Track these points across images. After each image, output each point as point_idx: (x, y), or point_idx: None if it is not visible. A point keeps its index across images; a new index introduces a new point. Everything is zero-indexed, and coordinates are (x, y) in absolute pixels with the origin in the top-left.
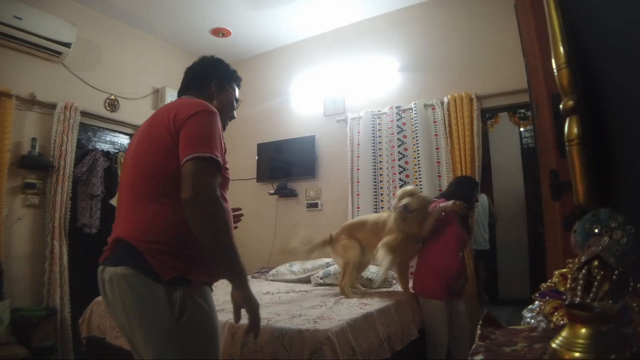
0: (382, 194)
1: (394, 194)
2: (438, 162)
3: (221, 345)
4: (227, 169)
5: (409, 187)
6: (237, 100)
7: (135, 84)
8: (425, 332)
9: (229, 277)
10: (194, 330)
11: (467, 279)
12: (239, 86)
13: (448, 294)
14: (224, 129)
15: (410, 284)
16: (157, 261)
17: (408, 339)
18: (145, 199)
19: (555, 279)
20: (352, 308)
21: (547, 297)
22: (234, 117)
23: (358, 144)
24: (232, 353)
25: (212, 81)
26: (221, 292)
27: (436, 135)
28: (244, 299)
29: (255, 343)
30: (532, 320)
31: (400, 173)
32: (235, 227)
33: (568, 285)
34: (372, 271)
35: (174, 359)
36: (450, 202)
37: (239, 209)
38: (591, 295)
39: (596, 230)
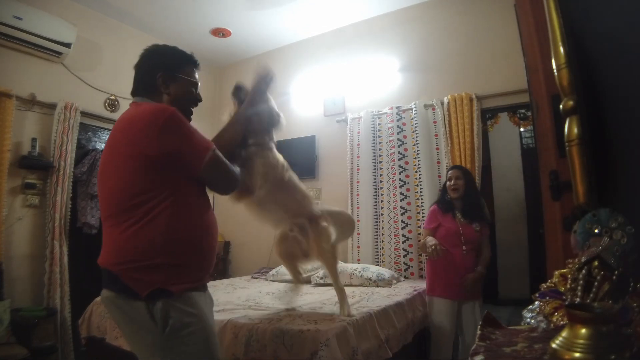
0: (382, 194)
1: (393, 194)
2: (438, 163)
3: (221, 345)
4: None
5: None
6: (194, 84)
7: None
8: (429, 332)
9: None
10: (181, 338)
11: (481, 274)
12: (195, 67)
13: (454, 292)
14: (187, 116)
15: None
16: (132, 280)
17: (409, 339)
18: (114, 220)
19: (555, 279)
20: (353, 309)
21: (547, 298)
22: (198, 101)
23: (358, 144)
24: (236, 352)
25: (156, 75)
26: (221, 292)
27: (436, 135)
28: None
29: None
30: (532, 321)
31: (400, 173)
32: None
33: (568, 286)
34: (372, 271)
35: None
36: (429, 247)
37: None
38: (591, 295)
39: (596, 231)
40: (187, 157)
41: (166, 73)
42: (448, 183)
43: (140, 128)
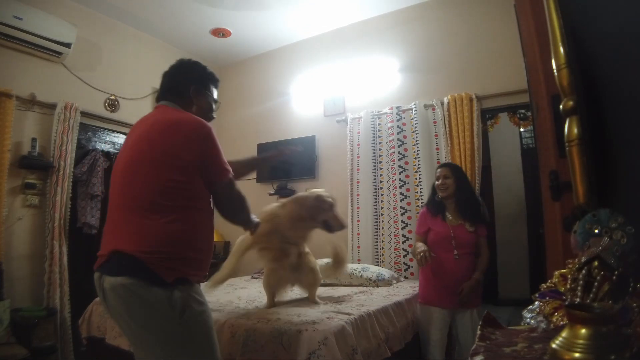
0: (382, 195)
1: (394, 194)
2: (438, 163)
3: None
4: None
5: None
6: (215, 102)
7: (135, 84)
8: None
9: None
10: (195, 326)
11: (477, 282)
12: (216, 87)
13: (447, 300)
14: None
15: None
16: (159, 267)
17: (408, 339)
18: (144, 212)
19: (555, 280)
20: (351, 309)
21: (547, 298)
22: (213, 118)
23: (358, 145)
24: (233, 352)
25: (190, 86)
26: (221, 292)
27: (436, 135)
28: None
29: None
30: (532, 321)
31: (400, 173)
32: None
33: (568, 286)
34: (372, 271)
35: (182, 357)
36: (417, 255)
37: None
38: (591, 295)
39: (596, 231)
40: (214, 169)
41: (198, 86)
42: (436, 182)
43: (184, 133)
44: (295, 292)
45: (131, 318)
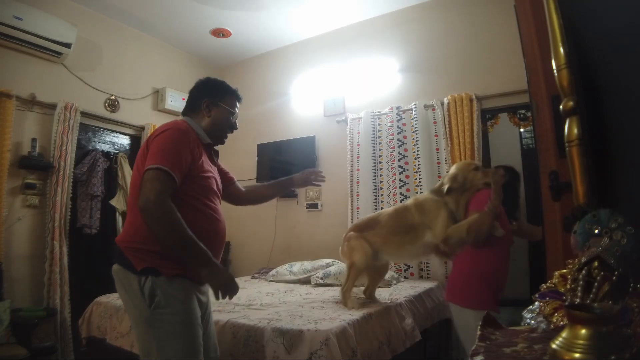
0: (382, 195)
1: (394, 195)
2: (438, 163)
3: (220, 345)
4: (207, 177)
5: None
6: (232, 114)
7: (136, 85)
8: (461, 348)
9: (193, 264)
10: (166, 318)
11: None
12: (233, 98)
13: (496, 303)
14: (222, 142)
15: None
16: (132, 256)
17: (410, 341)
18: (131, 208)
19: (555, 280)
20: (352, 309)
21: (547, 298)
22: (233, 129)
23: (358, 145)
24: (234, 353)
25: (202, 101)
26: None
27: (436, 135)
28: (206, 277)
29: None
30: (532, 321)
31: (400, 174)
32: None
33: (568, 286)
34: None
35: (150, 344)
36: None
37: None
38: (591, 296)
39: (596, 231)
40: (149, 156)
41: (210, 100)
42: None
43: (154, 134)
44: (296, 292)
45: (121, 299)
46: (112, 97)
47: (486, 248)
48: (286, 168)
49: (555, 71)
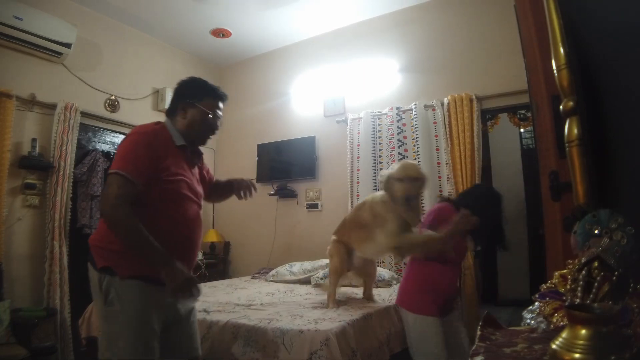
0: None
1: None
2: (438, 163)
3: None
4: (174, 180)
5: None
6: (208, 114)
7: (136, 85)
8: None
9: (151, 265)
10: (115, 316)
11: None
12: (215, 97)
13: (443, 310)
14: (200, 143)
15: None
16: (95, 254)
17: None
18: None
19: (555, 280)
20: (353, 309)
21: (547, 298)
22: (212, 129)
23: (358, 145)
24: (235, 352)
25: (179, 102)
26: (221, 293)
27: (436, 136)
28: (164, 278)
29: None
30: (532, 321)
31: None
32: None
33: (568, 286)
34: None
35: (104, 339)
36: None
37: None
38: (591, 296)
39: (596, 231)
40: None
41: (187, 101)
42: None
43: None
44: (296, 292)
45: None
46: (112, 97)
47: (436, 262)
48: (286, 168)
49: (555, 71)
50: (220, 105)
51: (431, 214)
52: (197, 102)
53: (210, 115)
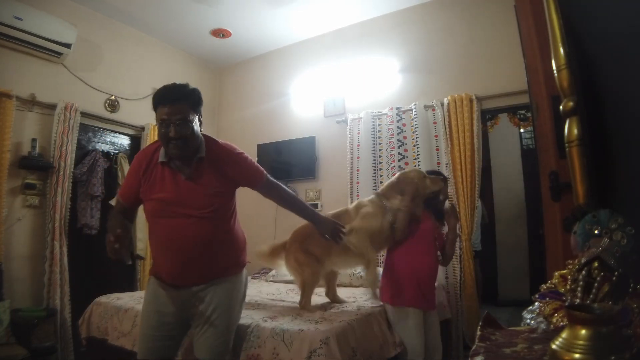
0: None
1: None
2: (438, 163)
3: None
4: (150, 200)
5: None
6: (160, 122)
7: (136, 85)
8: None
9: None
10: None
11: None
12: (157, 103)
13: (424, 301)
14: (174, 155)
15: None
16: None
17: None
18: None
19: (555, 280)
20: (353, 309)
21: (547, 299)
22: (168, 138)
23: (358, 145)
24: (235, 347)
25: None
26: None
27: (436, 136)
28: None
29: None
30: (532, 322)
31: None
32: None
33: (568, 287)
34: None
35: None
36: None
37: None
38: (591, 296)
39: (596, 232)
40: None
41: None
42: (433, 190)
43: None
44: (296, 292)
45: None
46: (112, 97)
47: (410, 247)
48: (286, 168)
49: (555, 71)
50: (166, 109)
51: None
52: (156, 115)
53: (162, 124)
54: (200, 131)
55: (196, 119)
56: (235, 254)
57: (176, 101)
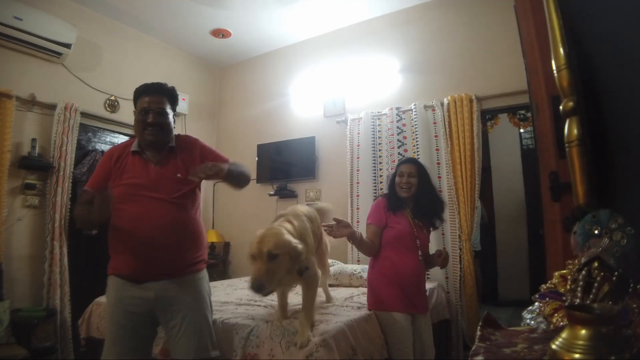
0: None
1: None
2: (438, 164)
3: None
4: (119, 185)
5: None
6: (138, 111)
7: (136, 85)
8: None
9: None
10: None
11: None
12: (143, 93)
13: (410, 305)
14: (146, 142)
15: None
16: None
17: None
18: None
19: (555, 280)
20: (351, 310)
21: (547, 299)
22: (145, 125)
23: (358, 145)
24: (235, 346)
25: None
26: (221, 293)
27: (436, 136)
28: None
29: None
30: (532, 322)
31: None
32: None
33: (568, 287)
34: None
35: None
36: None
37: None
38: (591, 296)
39: (596, 232)
40: None
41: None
42: (398, 179)
43: None
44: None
45: None
46: (112, 98)
47: (390, 251)
48: (286, 168)
49: (555, 71)
50: (147, 99)
51: (370, 210)
52: (136, 106)
53: (140, 113)
54: (174, 127)
55: (172, 114)
56: (198, 246)
57: (157, 93)
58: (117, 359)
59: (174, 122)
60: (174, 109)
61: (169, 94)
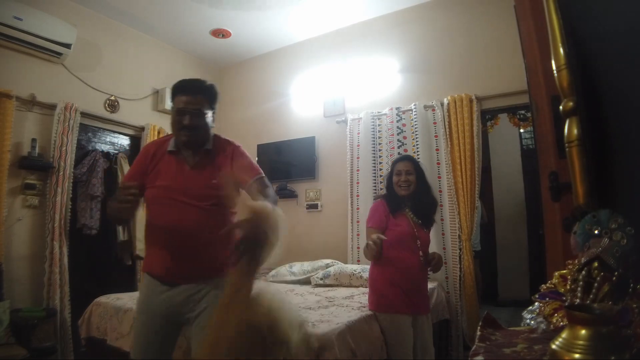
0: None
1: None
2: (438, 164)
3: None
4: (151, 187)
5: None
6: (176, 111)
7: (135, 85)
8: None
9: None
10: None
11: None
12: (177, 91)
13: (411, 306)
14: (184, 144)
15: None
16: None
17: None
18: None
19: (555, 280)
20: (352, 310)
21: (547, 299)
22: (182, 127)
23: (358, 145)
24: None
25: None
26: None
27: (436, 136)
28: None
29: None
30: (532, 322)
31: None
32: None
33: (568, 287)
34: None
35: None
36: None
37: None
38: (591, 296)
39: (596, 232)
40: None
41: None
42: (396, 178)
43: None
44: (296, 292)
45: None
46: (112, 98)
47: (389, 251)
48: (286, 168)
49: (555, 72)
50: (184, 99)
51: (369, 212)
52: (172, 103)
53: (176, 111)
54: (213, 126)
55: (210, 113)
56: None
57: (195, 93)
58: (139, 354)
59: (213, 120)
60: (213, 108)
61: (207, 93)
